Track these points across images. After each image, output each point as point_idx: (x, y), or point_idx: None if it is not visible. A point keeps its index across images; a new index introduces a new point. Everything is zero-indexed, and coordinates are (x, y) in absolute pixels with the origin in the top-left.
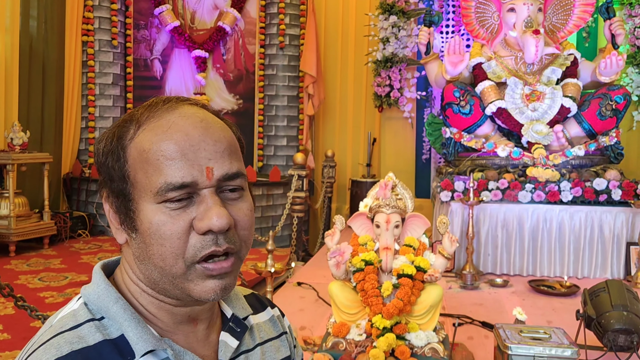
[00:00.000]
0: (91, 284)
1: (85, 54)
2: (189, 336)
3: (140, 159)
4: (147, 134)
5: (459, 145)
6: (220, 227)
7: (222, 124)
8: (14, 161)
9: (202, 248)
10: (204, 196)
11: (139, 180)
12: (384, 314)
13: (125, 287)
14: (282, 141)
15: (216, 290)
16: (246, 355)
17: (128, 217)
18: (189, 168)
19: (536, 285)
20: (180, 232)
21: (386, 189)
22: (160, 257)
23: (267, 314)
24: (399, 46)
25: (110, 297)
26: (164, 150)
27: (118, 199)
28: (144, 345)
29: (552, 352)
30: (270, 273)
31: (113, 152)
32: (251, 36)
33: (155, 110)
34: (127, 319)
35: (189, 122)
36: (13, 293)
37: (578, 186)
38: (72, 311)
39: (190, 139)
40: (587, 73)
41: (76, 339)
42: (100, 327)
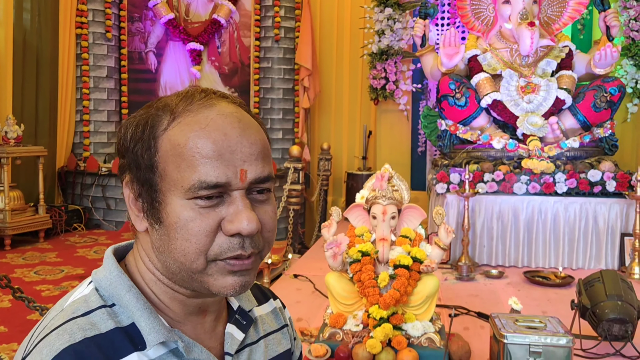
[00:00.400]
0: (103, 269)
1: (79, 46)
2: (197, 327)
3: (174, 152)
4: (183, 128)
5: (455, 138)
6: (250, 231)
7: (257, 125)
8: (9, 155)
9: (228, 250)
10: (235, 197)
11: (169, 173)
12: (381, 304)
13: (139, 275)
14: (277, 134)
15: (235, 287)
16: (251, 348)
17: (153, 207)
18: (224, 168)
19: (531, 276)
20: (208, 230)
21: (382, 180)
22: (183, 252)
23: (270, 305)
24: (394, 39)
25: (123, 285)
26: (200, 147)
27: (143, 187)
28: (156, 336)
29: (548, 340)
30: (267, 264)
31: (143, 141)
32: (246, 29)
33: (192, 103)
34: (139, 308)
35: (228, 121)
36: (11, 284)
37: (573, 178)
38: (83, 296)
39: (229, 140)
40: (582, 65)
41: (89, 325)
42: (111, 314)
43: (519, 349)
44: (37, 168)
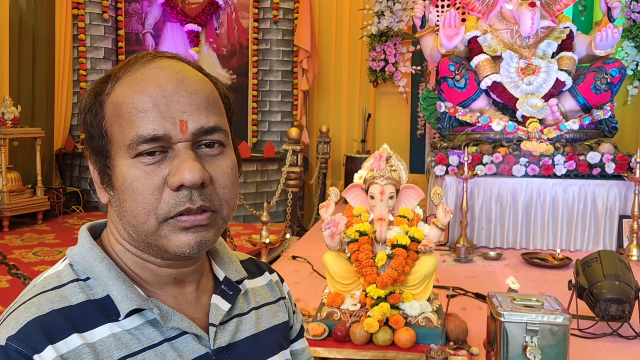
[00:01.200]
0: (77, 245)
1: (75, 27)
2: (177, 298)
3: (115, 113)
4: (122, 87)
5: (454, 120)
6: (192, 181)
7: (201, 77)
8: (6, 136)
9: (175, 205)
10: (178, 150)
11: (114, 135)
12: (378, 283)
13: (110, 248)
14: (276, 117)
15: (190, 244)
16: (239, 319)
17: (106, 174)
18: (161, 120)
19: (529, 258)
20: (153, 187)
21: (380, 160)
22: (133, 213)
23: (265, 278)
24: (394, 20)
25: (95, 257)
26: (136, 102)
27: (98, 157)
28: (129, 304)
29: (545, 318)
30: (265, 244)
31: (91, 109)
32: (244, 10)
33: (133, 63)
34: (111, 277)
35: (164, 74)
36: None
37: (572, 160)
38: (56, 272)
39: (164, 91)
40: (582, 46)
41: (58, 298)
42: (84, 288)
43: (516, 327)
44: (34, 150)
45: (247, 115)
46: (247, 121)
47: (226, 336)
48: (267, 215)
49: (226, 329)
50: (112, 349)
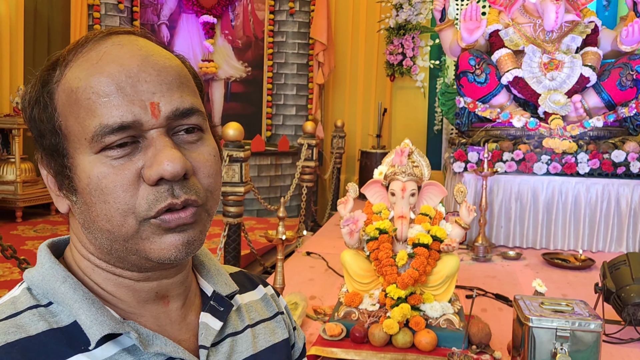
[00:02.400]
0: (35, 266)
1: (91, 17)
2: (159, 318)
3: (69, 102)
4: (75, 71)
5: (473, 116)
6: (174, 172)
7: (168, 53)
8: (20, 126)
9: (155, 201)
10: (152, 138)
11: (71, 128)
12: (399, 283)
13: (75, 265)
14: (291, 110)
15: (177, 246)
16: (233, 339)
17: (65, 176)
18: (128, 104)
19: (550, 259)
20: (125, 183)
21: (402, 155)
22: (106, 217)
23: (259, 292)
24: (412, 13)
25: (57, 277)
26: (95, 86)
27: (52, 158)
28: (100, 329)
29: (576, 325)
30: (281, 240)
31: (38, 101)
32: (260, 2)
33: (84, 44)
34: (77, 299)
35: (125, 50)
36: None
37: (596, 158)
38: (11, 298)
39: (127, 70)
40: (607, 42)
41: (13, 328)
42: (45, 315)
43: (545, 333)
44: None
45: (262, 108)
46: (261, 114)
47: (220, 359)
48: (283, 211)
49: (219, 350)
50: None
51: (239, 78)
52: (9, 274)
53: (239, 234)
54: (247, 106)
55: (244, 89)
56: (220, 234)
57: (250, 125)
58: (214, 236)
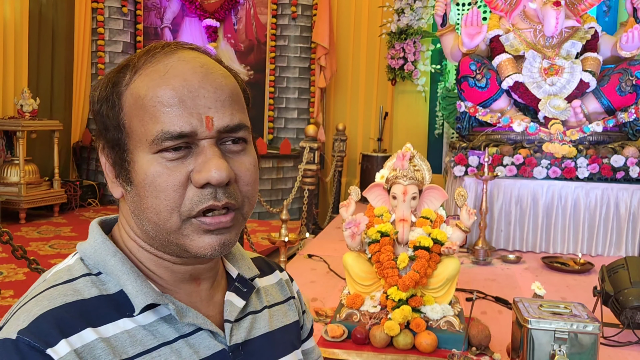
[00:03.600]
0: (87, 240)
1: (95, 21)
2: (191, 295)
3: (136, 105)
4: (144, 79)
5: (474, 120)
6: (220, 179)
7: (224, 71)
8: (24, 128)
9: (199, 202)
10: (203, 147)
11: (134, 128)
12: (400, 286)
13: (123, 244)
14: (292, 114)
15: (214, 246)
16: (254, 317)
17: (123, 168)
18: (187, 116)
19: (549, 262)
20: (176, 184)
21: (404, 159)
22: (155, 210)
23: (275, 277)
24: (414, 18)
25: (108, 251)
26: (160, 96)
27: (113, 150)
28: (144, 299)
29: (574, 327)
30: (284, 243)
31: (108, 99)
32: (263, 6)
33: (153, 54)
34: (125, 272)
35: (188, 66)
36: (26, 255)
37: (595, 163)
38: (67, 266)
39: (189, 85)
40: (607, 47)
41: (71, 291)
42: (96, 282)
43: (544, 334)
44: (52, 142)
45: (264, 111)
46: (263, 117)
47: (242, 333)
48: (286, 214)
49: (241, 325)
50: (126, 345)
51: None
52: (14, 275)
53: (241, 237)
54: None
55: None
56: None
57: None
58: None
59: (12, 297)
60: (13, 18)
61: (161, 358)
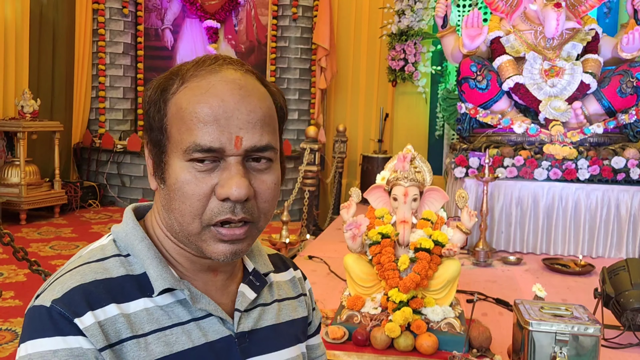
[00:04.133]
0: (121, 223)
1: (95, 22)
2: (207, 284)
3: (177, 115)
4: (187, 93)
5: (474, 121)
6: (238, 197)
7: (262, 92)
8: (25, 129)
9: (218, 213)
10: (229, 163)
11: (173, 135)
12: (401, 287)
13: (152, 230)
14: (293, 115)
15: (226, 254)
16: (263, 309)
17: (159, 167)
18: (218, 134)
19: (550, 264)
20: (201, 194)
21: (405, 161)
22: (180, 213)
23: (289, 274)
24: (414, 19)
25: (137, 236)
26: (198, 112)
27: (155, 149)
28: (162, 283)
29: (575, 329)
30: (285, 244)
31: (155, 103)
32: (264, 7)
33: (201, 68)
34: (149, 257)
35: (228, 87)
36: (27, 257)
37: (596, 164)
38: (101, 245)
39: (225, 106)
40: (608, 49)
41: (101, 269)
42: (124, 263)
43: (545, 336)
44: (52, 143)
45: None
46: None
47: (249, 322)
48: (287, 215)
49: (250, 315)
50: (144, 321)
51: None
52: (14, 276)
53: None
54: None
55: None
56: None
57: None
58: None
59: (13, 298)
60: (14, 19)
61: (173, 336)
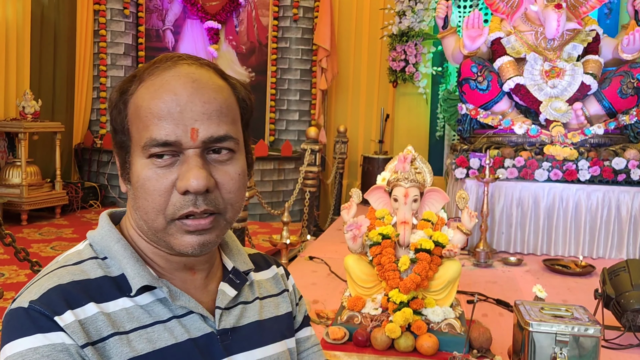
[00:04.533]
0: (97, 228)
1: (96, 22)
2: (186, 282)
3: (135, 114)
4: (143, 91)
5: (475, 122)
6: (197, 188)
7: (219, 84)
8: (26, 130)
9: (180, 207)
10: (188, 156)
11: (133, 134)
12: (401, 288)
13: (127, 232)
14: (294, 115)
15: (194, 245)
16: (244, 306)
17: (125, 169)
18: (173, 127)
19: (551, 265)
20: (162, 189)
21: (405, 162)
22: (144, 210)
23: (271, 272)
24: (415, 20)
25: (113, 238)
26: (152, 108)
27: (120, 150)
28: (140, 280)
29: (575, 329)
30: (285, 245)
31: (116, 106)
32: (264, 8)
33: (156, 67)
34: (126, 256)
35: (180, 82)
36: (29, 257)
37: (596, 165)
38: (77, 250)
39: (178, 99)
40: (608, 50)
41: (78, 271)
42: (102, 265)
43: (545, 337)
44: (54, 144)
45: (265, 113)
46: (264, 119)
47: (231, 319)
48: (288, 216)
49: (231, 313)
50: (124, 320)
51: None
52: (15, 277)
53: (242, 238)
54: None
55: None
56: None
57: (253, 130)
58: None
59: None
60: (15, 20)
61: (155, 333)
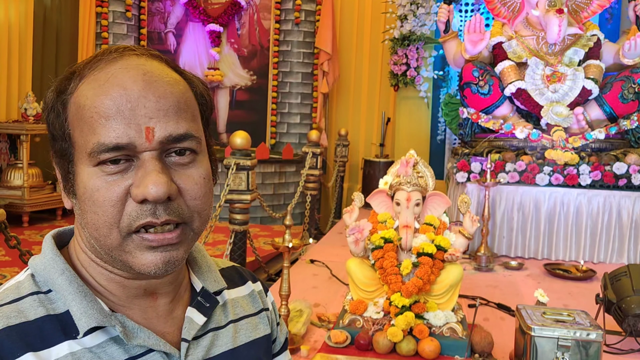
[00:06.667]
0: (40, 254)
1: (99, 25)
2: (147, 311)
3: (77, 116)
4: (85, 88)
5: (476, 126)
6: (156, 196)
7: (173, 77)
8: (28, 132)
9: (137, 217)
10: (144, 160)
11: (76, 139)
12: (403, 292)
13: (75, 257)
14: (295, 119)
15: (157, 264)
16: (215, 333)
17: (68, 180)
18: (124, 128)
19: (551, 269)
20: (114, 199)
21: (407, 166)
22: (94, 226)
23: (247, 288)
24: (417, 24)
25: (57, 269)
26: (98, 106)
27: (61, 160)
28: (88, 321)
29: (577, 334)
30: (287, 248)
31: (53, 108)
32: (266, 11)
33: (99, 60)
34: (71, 292)
35: (130, 74)
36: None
37: (597, 170)
38: (17, 283)
39: (128, 95)
40: (609, 55)
41: (15, 313)
42: (45, 301)
43: (547, 342)
44: None
45: (266, 116)
46: (266, 122)
47: (199, 352)
48: (290, 219)
49: (200, 344)
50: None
51: (244, 86)
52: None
53: (244, 241)
54: (252, 114)
55: (249, 97)
56: (227, 241)
57: (254, 133)
58: (220, 243)
59: None
60: (17, 22)
61: None
